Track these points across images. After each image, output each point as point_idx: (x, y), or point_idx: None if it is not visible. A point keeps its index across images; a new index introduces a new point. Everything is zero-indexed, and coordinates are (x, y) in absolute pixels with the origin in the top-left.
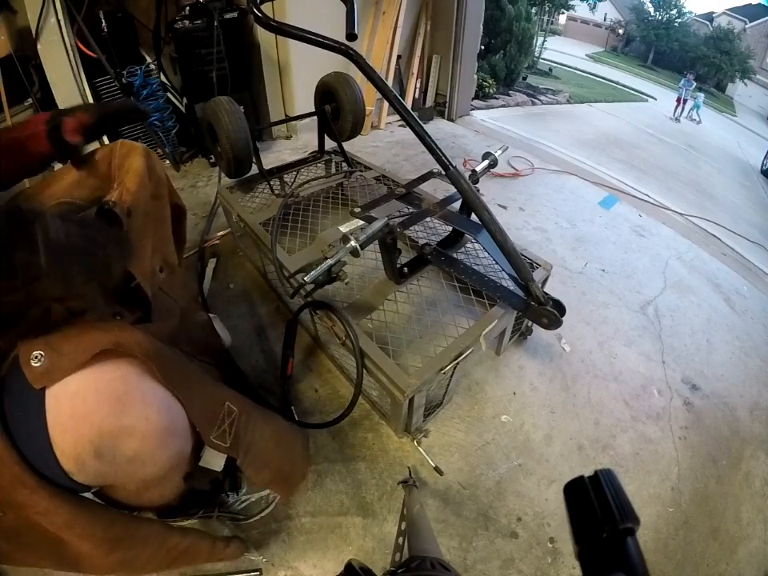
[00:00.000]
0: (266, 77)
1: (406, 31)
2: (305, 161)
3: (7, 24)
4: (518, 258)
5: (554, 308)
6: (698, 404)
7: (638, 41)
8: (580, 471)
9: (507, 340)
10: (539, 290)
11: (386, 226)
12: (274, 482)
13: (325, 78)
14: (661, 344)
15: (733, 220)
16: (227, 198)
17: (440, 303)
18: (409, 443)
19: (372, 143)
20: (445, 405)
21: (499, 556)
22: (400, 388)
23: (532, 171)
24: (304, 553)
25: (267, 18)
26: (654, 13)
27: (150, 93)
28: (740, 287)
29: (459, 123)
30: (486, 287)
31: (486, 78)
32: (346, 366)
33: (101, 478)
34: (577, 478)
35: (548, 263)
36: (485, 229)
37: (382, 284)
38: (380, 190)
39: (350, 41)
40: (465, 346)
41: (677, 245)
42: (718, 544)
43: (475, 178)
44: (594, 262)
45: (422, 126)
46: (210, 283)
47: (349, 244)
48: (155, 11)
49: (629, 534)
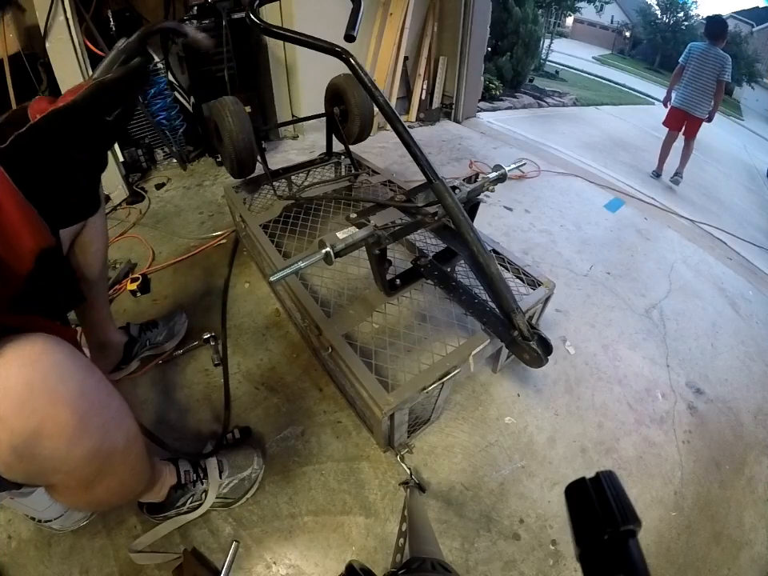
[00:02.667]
0: (273, 77)
1: (414, 33)
2: (312, 162)
3: (16, 22)
4: (500, 285)
5: (539, 345)
6: (702, 408)
7: (644, 43)
8: (583, 474)
9: (504, 358)
10: (524, 322)
11: (371, 236)
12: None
13: (334, 80)
14: (665, 347)
15: (739, 224)
16: (231, 197)
17: (432, 317)
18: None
19: (379, 144)
20: (433, 422)
21: (501, 557)
22: (378, 405)
23: (538, 173)
24: (306, 552)
25: (260, 20)
26: (660, 16)
27: (158, 92)
28: (745, 292)
29: (466, 125)
30: (474, 310)
31: (492, 80)
32: (337, 375)
33: (32, 477)
34: (578, 479)
35: (550, 281)
36: (468, 250)
37: (372, 295)
38: (386, 194)
39: (349, 42)
40: (452, 365)
41: (682, 248)
42: (721, 549)
43: (479, 191)
44: (600, 265)
45: (410, 134)
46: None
47: (324, 250)
48: (163, 11)
49: (630, 536)
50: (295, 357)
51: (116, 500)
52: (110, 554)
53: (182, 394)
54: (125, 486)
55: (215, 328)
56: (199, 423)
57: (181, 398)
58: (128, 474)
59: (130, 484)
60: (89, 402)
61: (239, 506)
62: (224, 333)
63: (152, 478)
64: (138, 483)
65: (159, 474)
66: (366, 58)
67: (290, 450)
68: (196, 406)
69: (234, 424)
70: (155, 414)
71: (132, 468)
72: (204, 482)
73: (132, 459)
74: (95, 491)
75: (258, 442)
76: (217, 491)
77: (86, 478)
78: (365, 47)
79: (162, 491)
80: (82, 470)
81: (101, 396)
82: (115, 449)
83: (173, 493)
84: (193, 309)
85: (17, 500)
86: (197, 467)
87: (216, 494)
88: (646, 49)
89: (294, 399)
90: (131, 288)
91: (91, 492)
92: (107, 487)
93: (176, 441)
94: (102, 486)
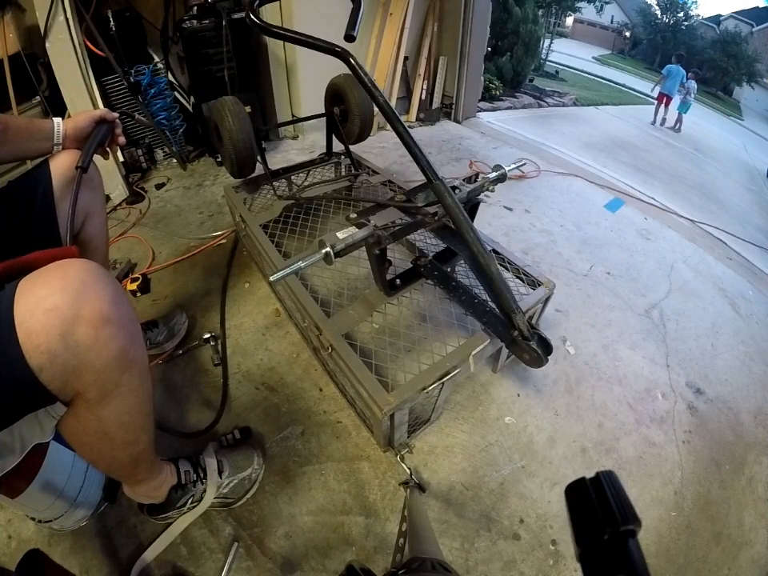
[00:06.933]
0: (273, 77)
1: (414, 33)
2: (312, 162)
3: (16, 22)
4: (500, 285)
5: (539, 345)
6: (701, 408)
7: (644, 43)
8: (583, 474)
9: (504, 358)
10: (524, 322)
11: (371, 236)
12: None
13: (334, 80)
14: (665, 347)
15: (739, 224)
16: (231, 197)
17: (432, 317)
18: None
19: (379, 144)
20: (433, 422)
21: (501, 557)
22: (378, 405)
23: (538, 173)
24: (306, 551)
25: (260, 20)
26: (660, 16)
27: (158, 92)
28: (745, 291)
29: (466, 125)
30: (474, 310)
31: (492, 80)
32: (337, 375)
33: (67, 374)
34: (578, 479)
35: (550, 281)
36: (468, 250)
37: (372, 295)
38: (386, 194)
39: (349, 42)
40: (452, 365)
41: (682, 248)
42: (720, 549)
43: (479, 191)
44: (600, 265)
45: (410, 134)
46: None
47: (324, 250)
48: (163, 10)
49: (630, 536)
50: (295, 357)
51: (120, 436)
52: (110, 553)
53: (181, 393)
54: (132, 418)
55: (215, 328)
56: (199, 423)
57: (181, 398)
58: (137, 404)
59: (137, 422)
60: (125, 307)
61: (239, 506)
62: (223, 333)
63: (153, 462)
64: (142, 430)
65: (160, 469)
66: (366, 58)
67: (290, 450)
68: (196, 406)
69: (234, 424)
70: (155, 414)
71: (141, 402)
72: (204, 482)
73: (142, 391)
74: (105, 413)
75: (258, 442)
76: (217, 491)
77: (107, 383)
78: (365, 47)
79: (162, 491)
80: (110, 370)
81: (130, 309)
82: (136, 359)
83: (173, 493)
84: (193, 309)
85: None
86: (197, 467)
87: (216, 493)
88: (646, 49)
89: (294, 399)
90: (131, 288)
91: (104, 410)
92: (117, 410)
93: (175, 440)
94: (113, 408)
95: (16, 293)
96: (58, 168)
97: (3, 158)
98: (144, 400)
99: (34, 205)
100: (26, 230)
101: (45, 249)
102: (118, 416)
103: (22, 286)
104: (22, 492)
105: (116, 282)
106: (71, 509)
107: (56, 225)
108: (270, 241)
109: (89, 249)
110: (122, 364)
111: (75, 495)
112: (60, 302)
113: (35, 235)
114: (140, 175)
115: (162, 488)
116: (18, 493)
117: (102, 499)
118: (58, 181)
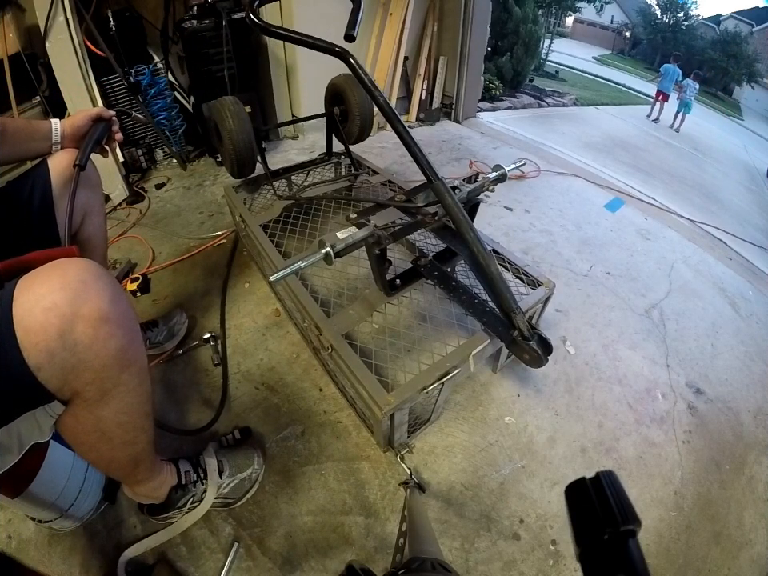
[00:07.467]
0: (273, 77)
1: (414, 33)
2: (312, 162)
3: (16, 22)
4: (500, 285)
5: (539, 345)
6: (701, 408)
7: (644, 43)
8: (583, 474)
9: (504, 358)
10: (524, 322)
11: (371, 236)
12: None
13: (334, 80)
14: (665, 347)
15: (739, 224)
16: (231, 197)
17: (433, 317)
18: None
19: (379, 144)
20: (433, 422)
21: (501, 558)
22: (378, 405)
23: (538, 173)
24: (306, 551)
25: (260, 20)
26: (660, 16)
27: (158, 92)
28: (745, 291)
29: (466, 125)
30: (474, 310)
31: (492, 80)
32: (337, 375)
33: (66, 373)
34: (578, 479)
35: (550, 281)
36: (468, 250)
37: (372, 295)
38: (386, 194)
39: (349, 42)
40: (452, 365)
41: (682, 248)
42: (720, 549)
43: (479, 191)
44: (600, 265)
45: (410, 134)
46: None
47: (324, 250)
48: (163, 11)
49: (630, 536)
50: (295, 357)
51: (119, 436)
52: (110, 553)
53: (181, 393)
54: (131, 418)
55: (215, 328)
56: (199, 423)
57: (181, 398)
58: (136, 404)
59: (136, 422)
60: (124, 306)
61: (239, 506)
62: (223, 333)
63: (153, 463)
64: (141, 430)
65: (160, 469)
66: (366, 58)
67: (290, 449)
68: (196, 406)
69: (234, 424)
70: (155, 414)
71: (140, 402)
72: (204, 483)
73: (141, 391)
74: (104, 413)
75: (258, 442)
76: (217, 491)
77: (106, 382)
78: (365, 47)
79: (163, 491)
80: (109, 369)
81: (129, 309)
82: (135, 359)
83: (173, 493)
84: (193, 309)
85: (17, 500)
86: (197, 467)
87: (216, 494)
88: (646, 49)
89: (294, 399)
90: (131, 288)
91: (102, 409)
92: (116, 410)
93: (175, 440)
94: (111, 407)
95: (15, 291)
96: (56, 167)
97: (2, 160)
98: (143, 400)
99: (33, 204)
100: (26, 230)
101: (44, 248)
102: (116, 415)
103: (22, 284)
104: (22, 492)
105: (115, 281)
106: (71, 509)
107: (55, 224)
108: (270, 241)
109: (87, 247)
110: (121, 363)
111: (75, 495)
112: (59, 300)
113: (35, 235)
114: (140, 175)
115: (162, 488)
116: (18, 493)
117: (101, 499)
118: (56, 180)
